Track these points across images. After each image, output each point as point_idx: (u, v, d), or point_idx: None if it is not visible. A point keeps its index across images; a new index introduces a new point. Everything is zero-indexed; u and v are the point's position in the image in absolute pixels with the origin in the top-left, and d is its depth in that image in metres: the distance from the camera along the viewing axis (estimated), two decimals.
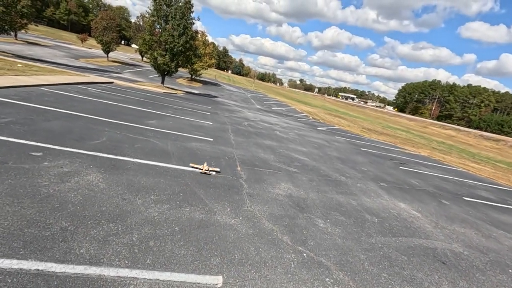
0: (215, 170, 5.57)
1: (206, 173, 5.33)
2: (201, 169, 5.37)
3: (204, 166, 5.43)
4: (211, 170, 5.50)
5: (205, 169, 5.37)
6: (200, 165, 5.48)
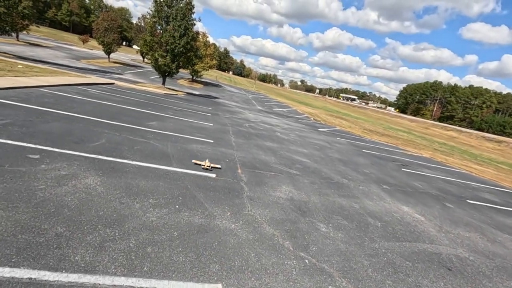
0: (216, 167, 5.82)
1: (208, 169, 5.57)
2: (203, 165, 5.61)
3: (206, 163, 5.67)
4: (212, 166, 5.73)
5: (207, 165, 5.63)
6: (202, 162, 5.72)
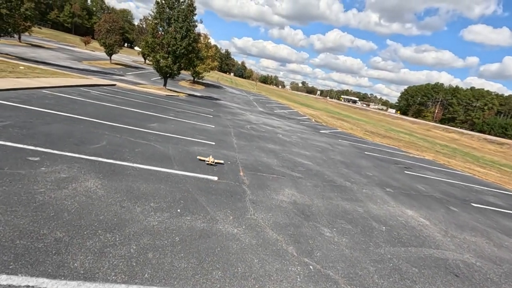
0: (219, 162, 6.18)
1: (212, 165, 5.91)
2: (207, 161, 5.95)
3: (210, 159, 6.02)
4: (216, 162, 6.08)
5: (211, 161, 5.96)
6: (206, 158, 6.07)
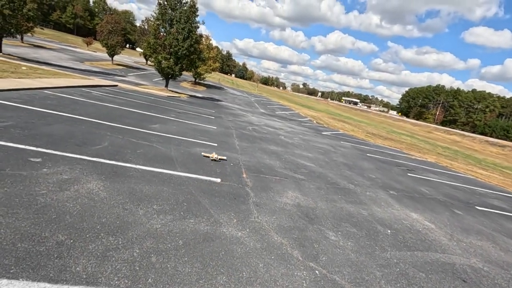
0: (222, 158, 6.55)
1: (216, 161, 6.29)
2: (211, 157, 6.33)
3: (213, 155, 6.41)
4: (219, 158, 6.48)
5: (214, 157, 6.35)
6: (210, 154, 6.46)
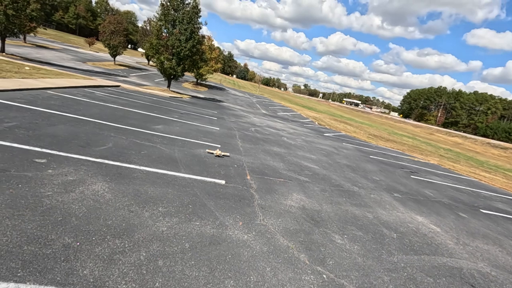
0: (226, 155, 6.94)
1: (220, 157, 6.63)
2: (215, 153, 6.71)
3: (217, 151, 6.80)
4: (223, 154, 6.85)
5: (218, 154, 6.74)
6: (214, 150, 6.85)
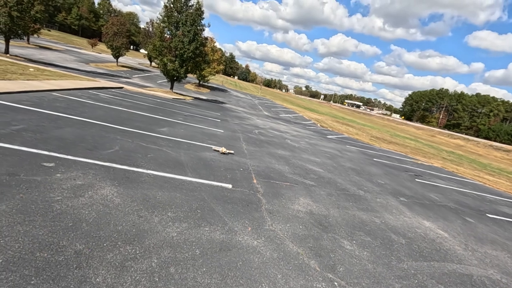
0: (230, 152, 7.38)
1: (225, 154, 7.03)
2: (220, 151, 7.14)
3: (223, 149, 7.22)
4: (228, 152, 7.29)
5: (224, 151, 7.16)
6: (220, 148, 7.29)
